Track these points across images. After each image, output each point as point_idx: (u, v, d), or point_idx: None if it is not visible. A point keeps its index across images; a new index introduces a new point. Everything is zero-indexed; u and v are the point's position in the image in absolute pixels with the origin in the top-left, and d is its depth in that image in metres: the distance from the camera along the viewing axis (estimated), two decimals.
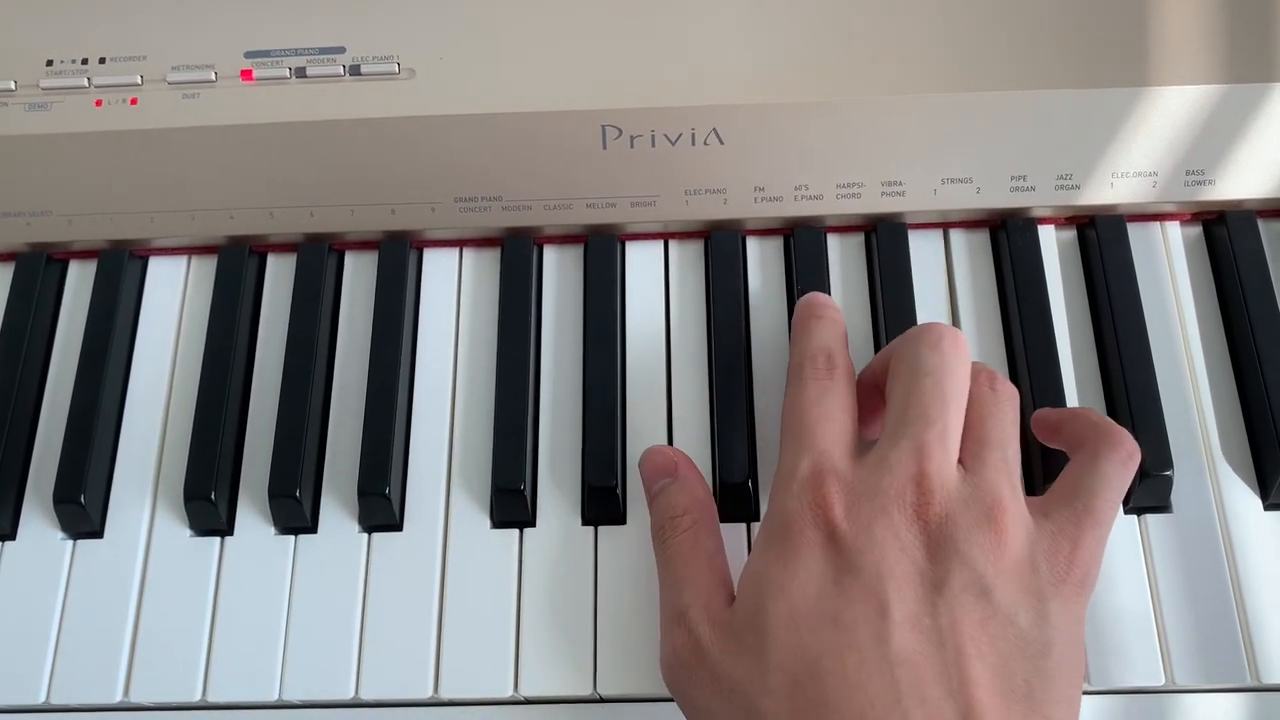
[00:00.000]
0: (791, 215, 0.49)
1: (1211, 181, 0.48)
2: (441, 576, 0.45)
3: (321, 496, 0.47)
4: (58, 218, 0.50)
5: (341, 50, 0.49)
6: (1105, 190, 0.48)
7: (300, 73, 0.49)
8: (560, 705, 0.44)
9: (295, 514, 0.46)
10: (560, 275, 0.51)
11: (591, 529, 0.46)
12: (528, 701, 0.44)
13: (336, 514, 0.46)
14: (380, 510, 0.45)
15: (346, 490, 0.46)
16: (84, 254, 0.52)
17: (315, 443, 0.47)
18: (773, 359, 0.48)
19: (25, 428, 0.49)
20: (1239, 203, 0.49)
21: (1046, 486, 0.44)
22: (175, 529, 0.47)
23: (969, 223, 0.50)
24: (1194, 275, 0.49)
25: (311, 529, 0.46)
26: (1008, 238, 0.49)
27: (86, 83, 0.49)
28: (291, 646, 0.44)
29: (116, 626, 0.45)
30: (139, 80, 0.49)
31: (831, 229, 0.50)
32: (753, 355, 0.48)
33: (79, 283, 0.52)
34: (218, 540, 0.46)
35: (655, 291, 0.50)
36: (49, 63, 0.49)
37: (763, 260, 0.50)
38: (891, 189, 0.48)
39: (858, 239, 0.51)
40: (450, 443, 0.48)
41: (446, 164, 0.48)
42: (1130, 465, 0.40)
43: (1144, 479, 0.44)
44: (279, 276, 0.51)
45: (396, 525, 0.46)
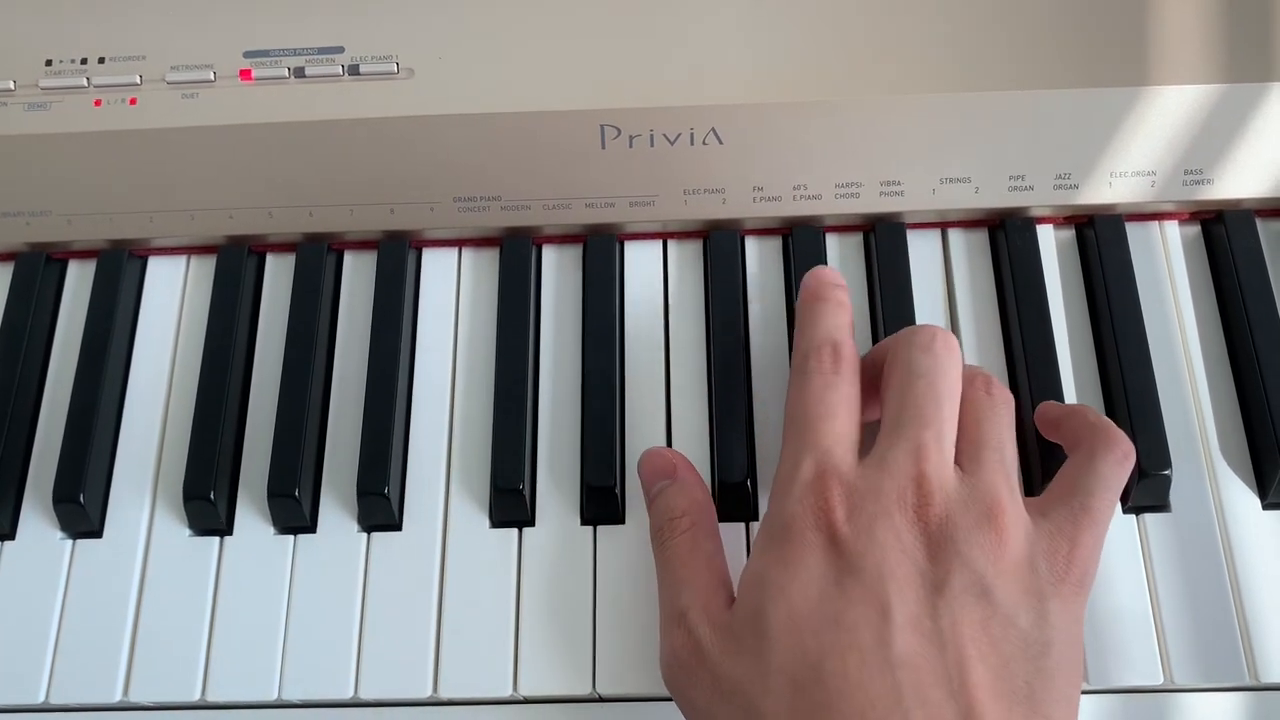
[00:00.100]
0: (790, 215, 0.49)
1: (1210, 181, 0.48)
2: (441, 576, 0.45)
3: (321, 496, 0.47)
4: (57, 217, 0.50)
5: (340, 50, 0.49)
6: (1104, 190, 0.48)
7: (299, 72, 0.49)
8: (559, 705, 0.44)
9: (294, 513, 0.46)
10: (559, 275, 0.51)
11: (590, 528, 0.46)
12: (527, 701, 0.44)
13: (336, 513, 0.46)
14: (379, 510, 0.46)
15: (346, 490, 0.46)
16: (83, 254, 0.52)
17: (314, 442, 0.47)
18: (771, 358, 0.48)
19: (25, 427, 0.49)
20: (1237, 202, 0.49)
21: (1045, 486, 0.44)
22: (174, 528, 0.47)
23: (968, 222, 0.50)
24: (1192, 274, 0.49)
25: (311, 528, 0.46)
26: (1006, 237, 0.49)
27: (86, 82, 0.49)
28: (291, 646, 0.44)
29: (116, 626, 0.45)
30: (138, 80, 0.49)
31: (830, 229, 0.50)
32: (751, 355, 0.48)
33: (78, 282, 0.52)
34: (217, 540, 0.46)
35: (654, 291, 0.50)
36: (48, 62, 0.49)
37: (761, 260, 0.50)
38: (890, 189, 0.48)
39: (856, 239, 0.51)
40: (449, 442, 0.48)
41: (445, 164, 0.48)
42: (1126, 465, 0.41)
43: (1142, 478, 0.44)
44: (278, 276, 0.51)
45: (396, 525, 0.46)
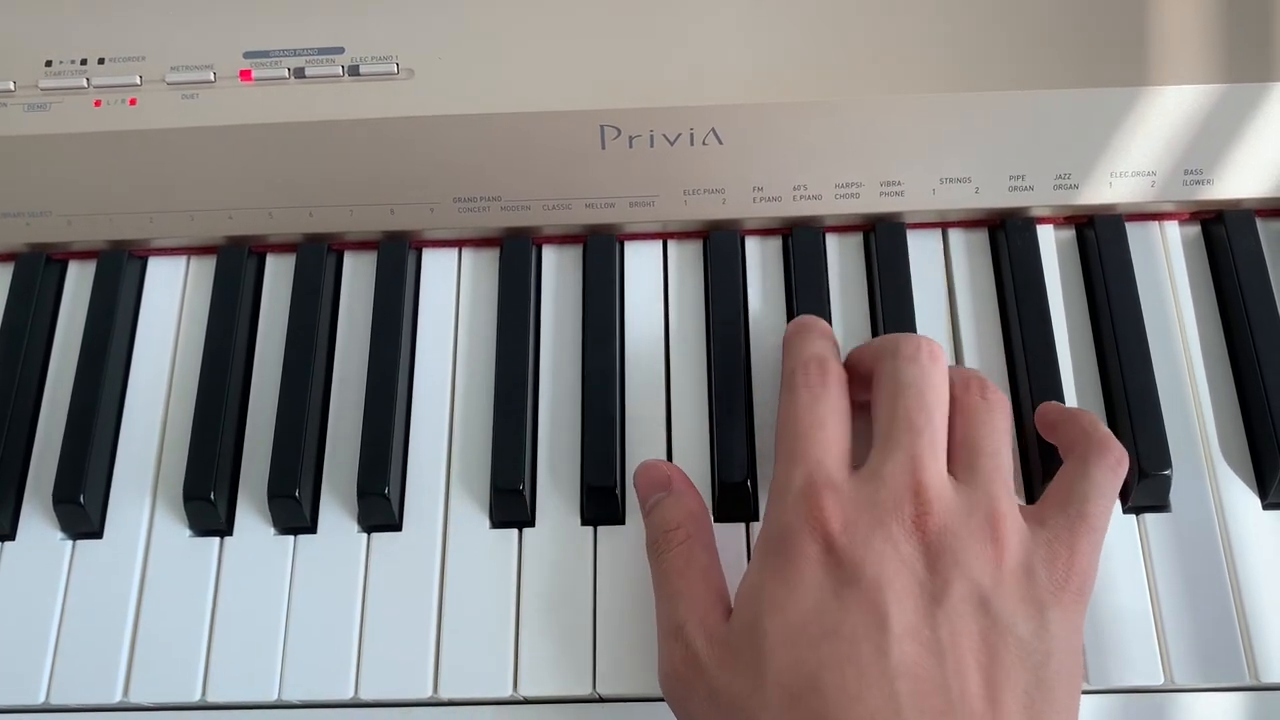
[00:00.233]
0: (790, 215, 0.49)
1: (1210, 181, 0.48)
2: (441, 576, 0.45)
3: (321, 496, 0.47)
4: (57, 218, 0.50)
5: (340, 50, 0.49)
6: (1104, 190, 0.48)
7: (299, 73, 0.49)
8: (559, 705, 0.44)
9: (295, 514, 0.46)
10: (559, 275, 0.51)
11: (591, 529, 0.46)
12: (527, 701, 0.44)
13: (336, 514, 0.46)
14: (380, 510, 0.46)
15: (346, 490, 0.46)
16: (83, 254, 0.52)
17: (315, 442, 0.47)
18: (771, 358, 0.48)
19: (25, 428, 0.49)
20: (1237, 202, 0.49)
21: (1045, 487, 0.44)
22: (175, 529, 0.47)
23: (968, 222, 0.50)
24: (1192, 274, 0.49)
25: (311, 529, 0.46)
26: (1006, 237, 0.49)
27: (85, 83, 0.49)
28: (291, 646, 0.44)
29: (116, 627, 0.45)
30: (138, 81, 0.49)
31: (830, 229, 0.50)
32: (751, 355, 0.48)
33: (78, 283, 0.52)
34: (217, 540, 0.46)
35: (654, 291, 0.50)
36: (48, 63, 0.49)
37: (761, 260, 0.50)
38: (890, 189, 0.48)
39: (856, 239, 0.51)
40: (449, 443, 0.48)
41: (445, 164, 0.48)
42: (1119, 471, 0.41)
43: (1143, 478, 0.44)
44: (278, 276, 0.51)
45: (396, 525, 0.46)
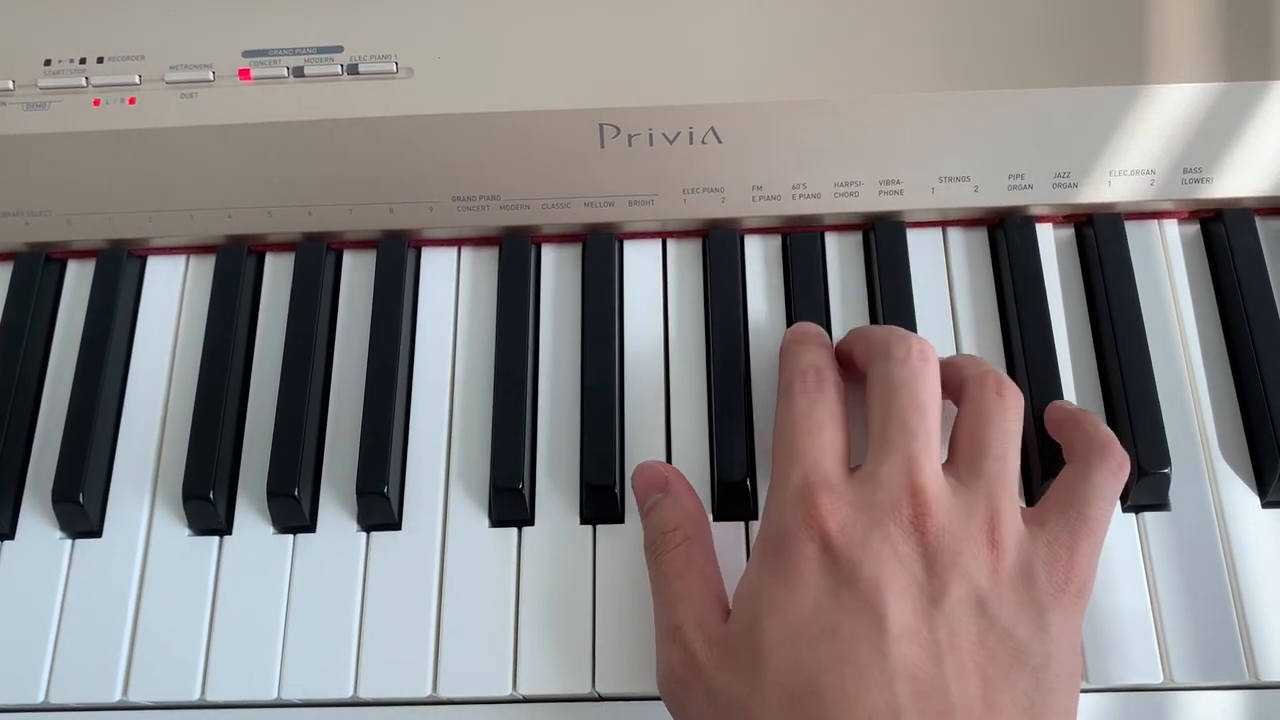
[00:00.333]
0: (789, 214, 0.49)
1: (1209, 179, 0.48)
2: (440, 575, 0.45)
3: (320, 496, 0.47)
4: (56, 217, 0.50)
5: (339, 49, 0.49)
6: (1103, 188, 0.48)
7: (298, 72, 0.49)
8: (559, 704, 0.44)
9: (294, 513, 0.46)
10: (558, 274, 0.51)
11: (590, 527, 0.46)
12: (526, 700, 0.44)
13: (335, 513, 0.46)
14: (379, 509, 0.46)
15: (345, 489, 0.46)
16: (82, 253, 0.52)
17: (314, 442, 0.47)
18: (771, 357, 0.48)
19: (24, 427, 0.49)
20: (1237, 200, 0.49)
21: (1044, 484, 0.44)
22: (174, 528, 0.47)
23: (967, 221, 0.50)
24: (1192, 273, 0.49)
25: (310, 528, 0.46)
26: (1006, 236, 0.49)
27: (84, 82, 0.49)
28: (290, 645, 0.44)
29: (115, 626, 0.45)
30: (137, 80, 0.49)
31: (830, 228, 0.50)
32: (751, 353, 0.48)
33: (78, 282, 0.52)
34: (216, 539, 0.46)
35: (653, 290, 0.50)
36: (47, 62, 0.49)
37: (761, 259, 0.50)
38: (889, 188, 0.48)
39: (856, 237, 0.51)
40: (449, 442, 0.48)
41: (444, 163, 0.48)
42: (1120, 475, 0.41)
43: (1142, 477, 0.44)
44: (277, 276, 0.51)
45: (395, 524, 0.46)
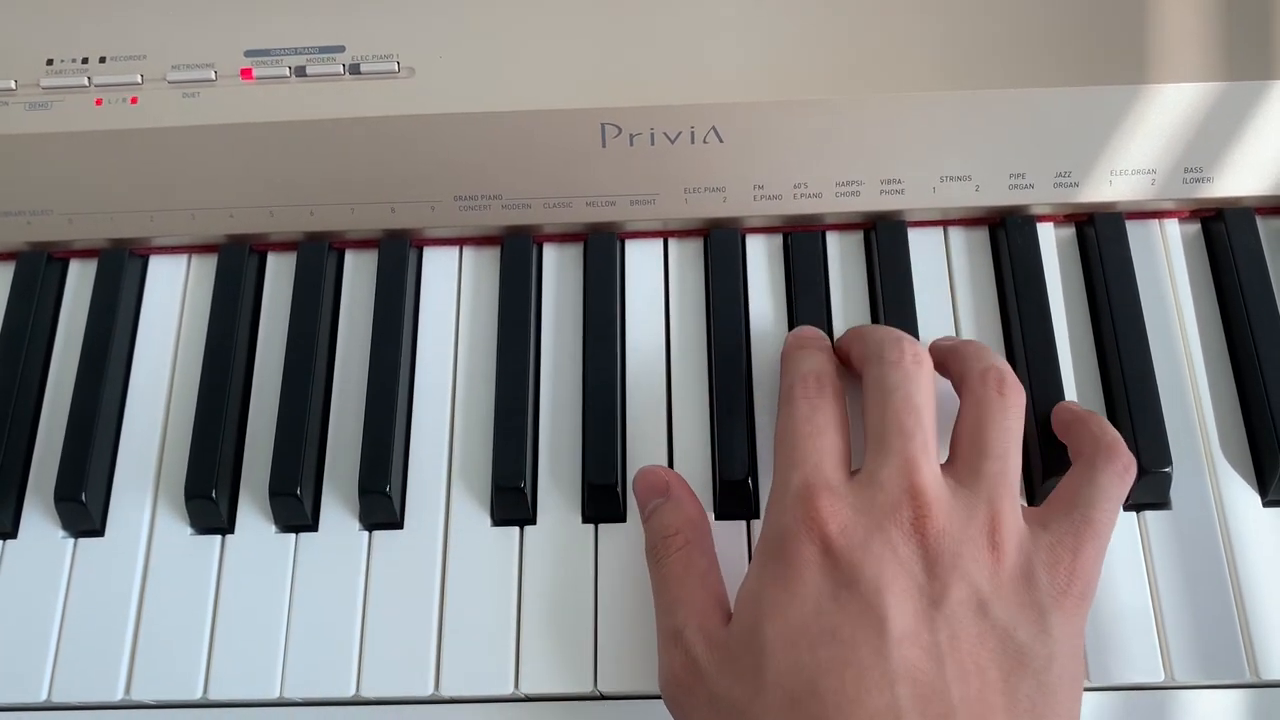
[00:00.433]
0: (791, 213, 0.49)
1: (1210, 179, 0.48)
2: (442, 574, 0.45)
3: (322, 495, 0.47)
4: (58, 217, 0.50)
5: (341, 49, 0.49)
6: (1104, 188, 0.48)
7: (300, 72, 0.49)
8: (561, 703, 0.44)
9: (296, 512, 0.46)
10: (560, 273, 0.51)
11: (592, 526, 0.46)
12: (528, 699, 0.44)
13: (337, 512, 0.46)
14: (381, 508, 0.46)
15: (347, 488, 0.46)
16: (84, 253, 0.52)
17: (316, 441, 0.47)
18: (772, 357, 0.48)
19: (26, 426, 0.49)
20: (1237, 200, 0.49)
21: (1045, 483, 0.44)
22: (176, 527, 0.47)
23: (968, 220, 0.51)
24: (1192, 272, 0.49)
25: (312, 527, 0.46)
26: (1007, 235, 0.49)
27: (87, 82, 0.49)
28: (292, 644, 0.44)
29: (118, 625, 0.45)
30: (139, 79, 0.49)
31: (831, 227, 0.50)
32: (752, 353, 0.48)
33: (79, 282, 0.52)
34: (218, 538, 0.46)
35: (655, 289, 0.50)
36: (49, 62, 0.50)
37: (762, 258, 0.50)
38: (890, 187, 0.49)
39: (857, 237, 0.51)
40: (450, 441, 0.48)
41: (446, 162, 0.48)
42: (1126, 478, 0.41)
43: (1143, 476, 0.44)
44: (279, 275, 0.51)
45: (397, 523, 0.46)
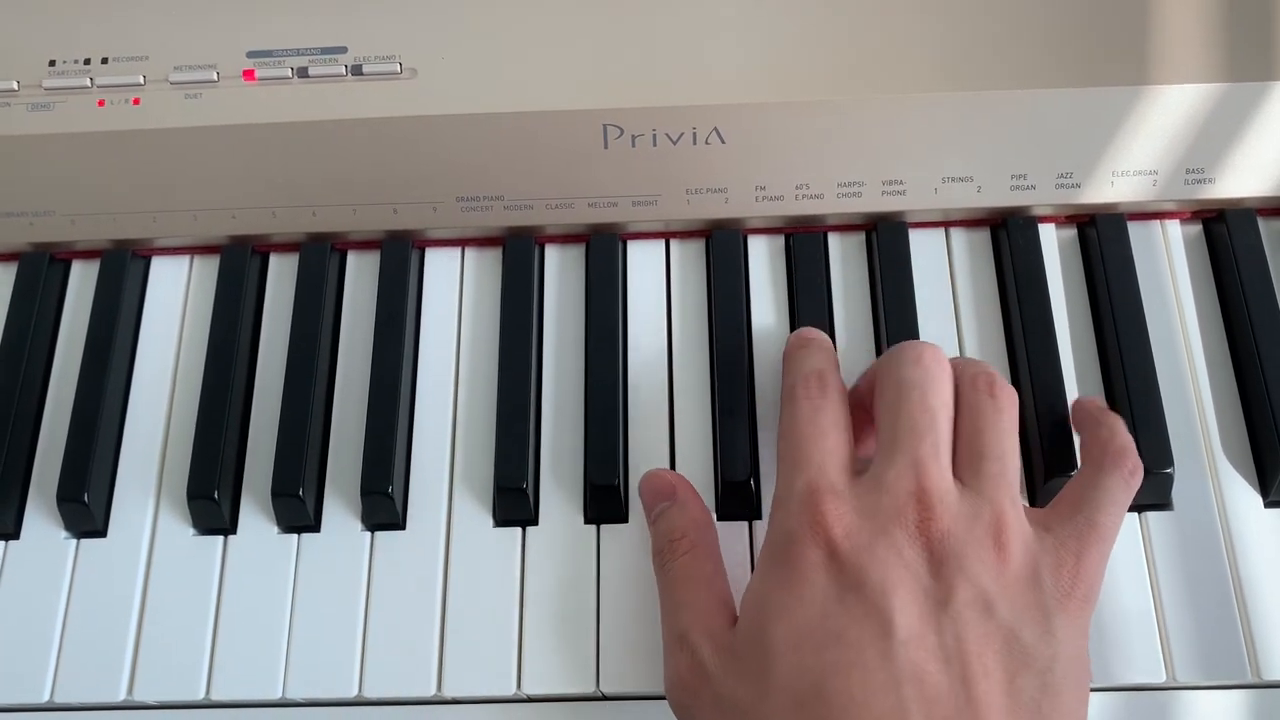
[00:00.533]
0: (793, 214, 0.49)
1: (1211, 180, 0.48)
2: (444, 575, 0.45)
3: (324, 495, 0.47)
4: (60, 217, 0.50)
5: (343, 50, 0.49)
6: (1106, 189, 0.48)
7: (302, 72, 0.49)
8: (563, 704, 0.44)
9: (298, 513, 0.46)
10: (562, 274, 0.51)
11: (594, 527, 0.46)
12: (530, 699, 0.44)
13: (339, 513, 0.46)
14: (383, 509, 0.46)
15: (349, 489, 0.47)
16: (87, 254, 0.52)
17: (318, 442, 0.47)
18: (774, 358, 0.48)
19: (28, 427, 0.49)
20: (1239, 201, 0.49)
21: (1045, 483, 0.45)
22: (178, 528, 0.47)
23: (970, 221, 0.51)
24: (1194, 273, 0.49)
25: (314, 528, 0.46)
26: (1008, 236, 0.49)
27: (89, 83, 0.49)
28: (295, 645, 0.44)
29: (120, 625, 0.45)
30: (141, 80, 0.49)
31: (832, 228, 0.51)
32: (754, 354, 0.48)
33: (82, 282, 0.52)
34: (221, 539, 0.46)
35: (657, 290, 0.50)
36: (51, 63, 0.50)
37: (764, 259, 0.50)
38: (892, 188, 0.49)
39: (859, 238, 0.51)
40: (452, 442, 0.48)
41: (448, 163, 0.48)
42: (1133, 482, 0.41)
43: (1145, 477, 0.43)
44: (281, 276, 0.51)
45: (399, 524, 0.46)
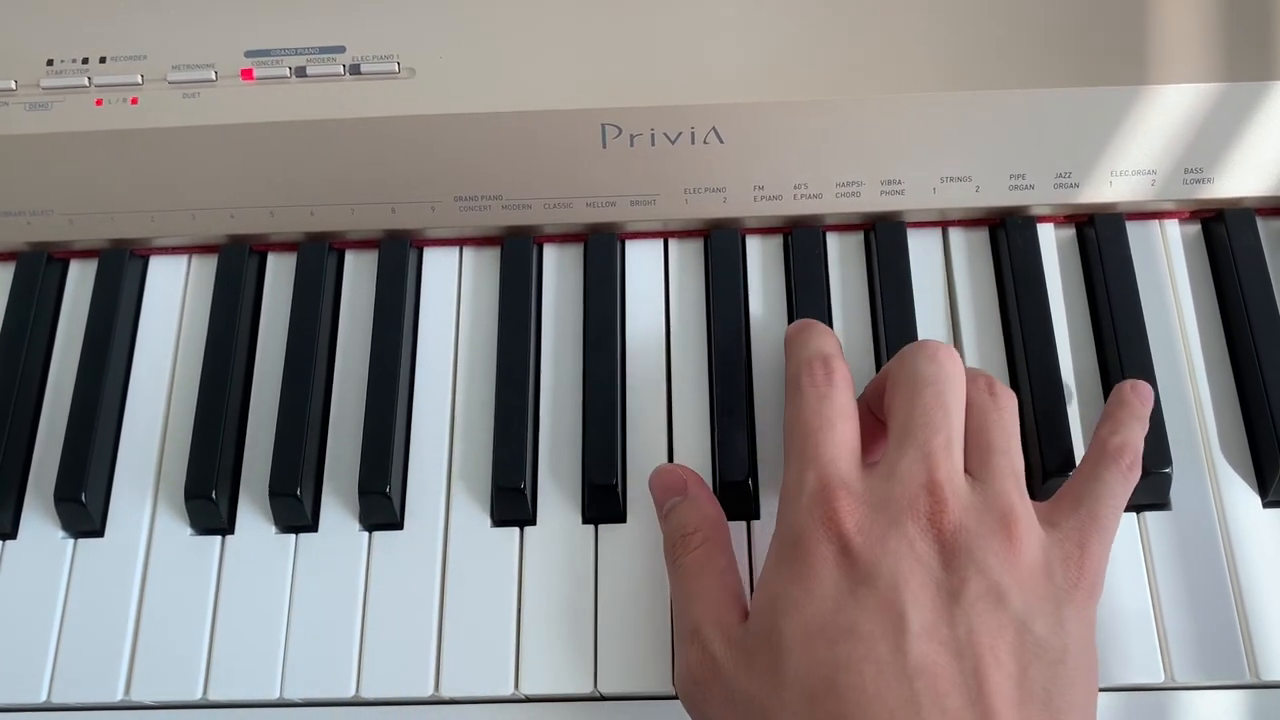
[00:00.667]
0: (791, 214, 0.49)
1: (1210, 179, 0.48)
2: (442, 575, 0.45)
3: (322, 495, 0.47)
4: (59, 217, 0.50)
5: (341, 49, 0.49)
6: (1104, 188, 0.48)
7: (300, 72, 0.49)
8: (561, 704, 0.44)
9: (296, 513, 0.46)
10: (560, 274, 0.51)
11: (592, 527, 0.46)
12: (528, 700, 0.44)
13: (337, 513, 0.46)
14: (381, 509, 0.46)
15: (347, 489, 0.46)
16: (85, 253, 0.52)
17: (316, 441, 0.47)
18: (772, 357, 0.48)
19: (26, 427, 0.49)
20: (1237, 200, 0.49)
21: (1045, 482, 0.45)
22: (176, 528, 0.47)
23: (968, 221, 0.51)
24: (1193, 273, 0.49)
25: (312, 528, 0.46)
26: (1007, 236, 0.49)
27: (87, 82, 0.49)
28: (292, 645, 0.44)
29: (117, 625, 0.45)
30: (139, 80, 0.49)
31: (831, 227, 0.50)
32: (752, 353, 0.48)
33: (80, 282, 0.52)
34: (218, 539, 0.46)
35: (655, 290, 0.50)
36: (49, 62, 0.49)
37: (762, 259, 0.50)
38: (890, 188, 0.49)
39: (857, 237, 0.51)
40: (451, 441, 0.48)
41: (446, 163, 0.48)
42: (1131, 476, 0.41)
43: (1143, 476, 0.43)
44: (279, 275, 0.51)
45: (397, 524, 0.46)
